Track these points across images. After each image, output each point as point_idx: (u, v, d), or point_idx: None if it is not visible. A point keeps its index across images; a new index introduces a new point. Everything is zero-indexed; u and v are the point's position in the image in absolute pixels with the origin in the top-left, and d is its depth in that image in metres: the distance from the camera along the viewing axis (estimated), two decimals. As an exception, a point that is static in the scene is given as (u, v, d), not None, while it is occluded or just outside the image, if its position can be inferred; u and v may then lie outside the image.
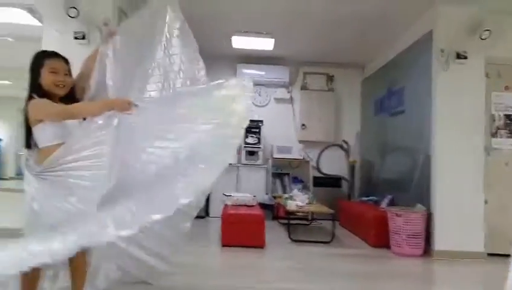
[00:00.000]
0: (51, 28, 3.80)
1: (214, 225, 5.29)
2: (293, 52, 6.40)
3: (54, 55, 2.13)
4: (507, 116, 4.55)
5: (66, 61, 2.15)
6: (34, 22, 4.24)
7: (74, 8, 3.77)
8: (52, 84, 2.06)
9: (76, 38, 3.82)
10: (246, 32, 5.46)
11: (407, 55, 5.11)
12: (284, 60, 6.62)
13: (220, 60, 6.66)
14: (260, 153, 6.39)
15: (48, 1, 3.88)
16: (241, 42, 5.80)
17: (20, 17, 4.28)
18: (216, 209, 5.73)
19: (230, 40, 5.68)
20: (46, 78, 2.06)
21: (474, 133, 4.35)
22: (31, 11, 4.15)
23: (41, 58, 2.09)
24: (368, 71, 6.72)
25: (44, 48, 2.55)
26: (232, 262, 3.78)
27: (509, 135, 4.55)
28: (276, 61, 6.61)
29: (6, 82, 8.57)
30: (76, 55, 2.32)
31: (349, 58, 6.59)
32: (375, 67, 6.32)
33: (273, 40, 5.59)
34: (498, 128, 4.55)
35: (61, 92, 2.11)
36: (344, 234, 5.21)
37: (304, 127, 6.84)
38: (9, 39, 4.51)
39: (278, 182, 6.53)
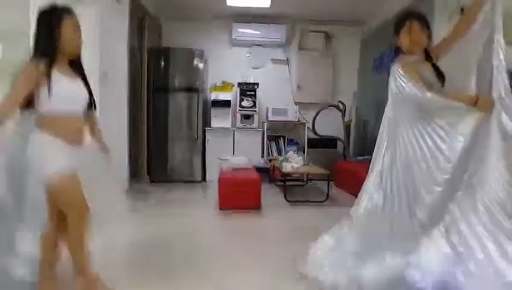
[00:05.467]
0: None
1: (211, 189, 5.34)
2: (290, 9, 6.14)
3: None
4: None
5: None
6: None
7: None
8: None
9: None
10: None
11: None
12: (281, 18, 6.39)
13: (215, 19, 6.49)
14: (255, 117, 6.35)
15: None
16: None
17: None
18: (212, 174, 5.77)
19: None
20: None
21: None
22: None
23: None
24: (368, 29, 6.56)
25: None
26: (230, 223, 3.85)
27: None
28: (273, 19, 6.39)
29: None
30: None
31: (349, 16, 6.41)
32: (375, 24, 6.15)
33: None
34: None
35: None
36: (339, 193, 5.27)
37: (299, 88, 6.77)
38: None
39: (273, 144, 6.53)
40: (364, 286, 2.16)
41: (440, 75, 2.40)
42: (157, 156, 5.95)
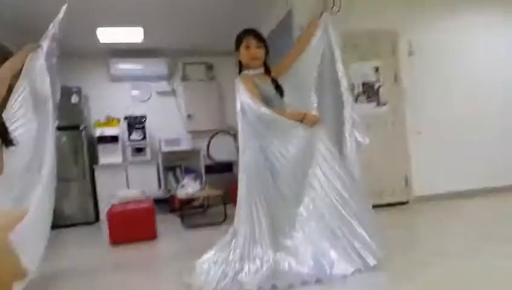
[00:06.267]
0: None
1: (105, 228, 5.04)
2: (167, 43, 6.29)
3: None
4: (364, 84, 5.09)
5: None
6: None
7: None
8: None
9: None
10: (112, 24, 5.24)
11: (273, 36, 5.38)
12: (160, 51, 6.49)
13: (89, 57, 6.30)
14: (147, 149, 6.23)
15: None
16: (108, 36, 5.54)
17: None
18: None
19: (95, 34, 5.41)
20: None
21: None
22: None
23: None
24: (243, 56, 6.94)
25: None
26: (121, 258, 3.64)
27: (368, 100, 5.10)
28: (152, 53, 6.45)
29: None
30: None
31: (225, 46, 6.68)
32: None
33: (141, 29, 5.44)
34: (358, 95, 5.06)
35: None
36: (238, 214, 5.34)
37: (190, 117, 6.83)
38: None
39: (170, 175, 6.44)
40: (245, 285, 2.22)
41: (278, 88, 2.68)
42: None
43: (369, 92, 5.09)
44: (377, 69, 5.15)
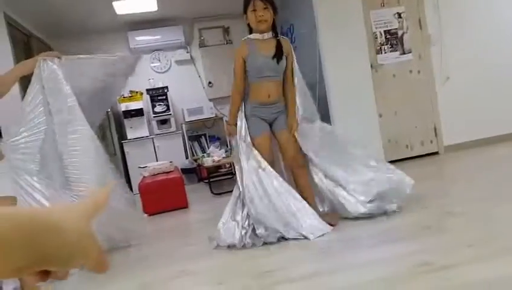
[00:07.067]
0: None
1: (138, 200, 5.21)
2: (182, 10, 6.16)
3: None
4: (387, 32, 4.85)
5: None
6: None
7: None
8: None
9: None
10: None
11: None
12: (176, 19, 6.39)
13: (108, 32, 6.28)
14: (172, 120, 6.28)
15: None
16: (124, 7, 5.48)
17: None
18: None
19: (112, 6, 5.35)
20: None
21: (360, 52, 4.60)
22: None
23: None
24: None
25: None
26: (155, 225, 3.82)
27: (391, 49, 4.87)
28: (168, 22, 6.36)
29: None
30: None
31: (240, 7, 6.51)
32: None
33: (154, -1, 5.35)
34: (381, 44, 4.84)
35: None
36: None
37: (211, 84, 6.79)
38: None
39: (196, 144, 6.50)
40: (269, 228, 2.47)
41: (277, 53, 2.63)
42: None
43: (393, 40, 4.86)
44: (399, 15, 4.89)
